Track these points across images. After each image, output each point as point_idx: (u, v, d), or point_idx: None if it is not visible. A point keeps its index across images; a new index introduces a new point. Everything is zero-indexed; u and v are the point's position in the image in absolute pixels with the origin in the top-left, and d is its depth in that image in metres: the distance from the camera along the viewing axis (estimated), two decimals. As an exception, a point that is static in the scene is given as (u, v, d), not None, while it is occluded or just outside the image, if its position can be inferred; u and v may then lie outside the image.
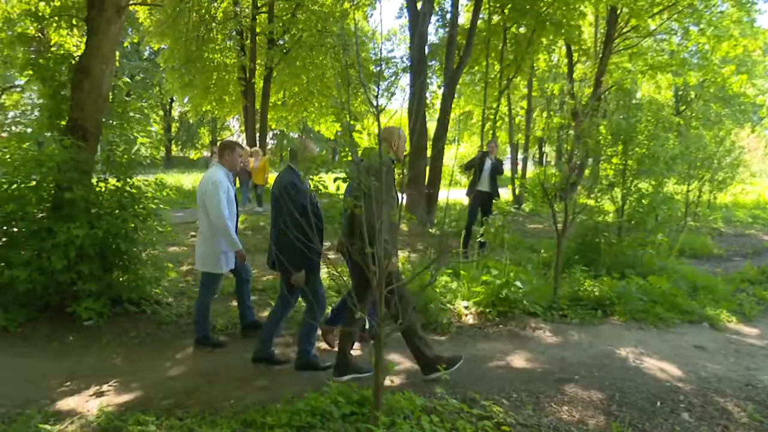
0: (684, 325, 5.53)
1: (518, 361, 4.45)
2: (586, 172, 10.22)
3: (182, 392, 3.88)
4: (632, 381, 4.00)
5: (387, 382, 3.69)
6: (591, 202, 7.75)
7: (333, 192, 3.15)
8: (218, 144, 5.56)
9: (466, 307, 5.61)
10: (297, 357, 4.29)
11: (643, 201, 7.59)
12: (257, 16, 18.08)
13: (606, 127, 7.57)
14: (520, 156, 19.96)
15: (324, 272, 5.00)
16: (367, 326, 4.63)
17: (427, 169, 12.05)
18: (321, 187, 3.00)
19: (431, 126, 13.04)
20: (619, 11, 14.86)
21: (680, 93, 24.78)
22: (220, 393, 3.87)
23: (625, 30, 15.78)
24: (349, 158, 2.89)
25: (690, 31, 16.17)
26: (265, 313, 5.09)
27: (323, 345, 4.76)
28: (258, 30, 18.13)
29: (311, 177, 2.78)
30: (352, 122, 2.84)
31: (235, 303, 6.03)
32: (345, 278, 4.15)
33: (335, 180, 2.91)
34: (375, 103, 2.63)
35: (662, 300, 5.81)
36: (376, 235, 2.65)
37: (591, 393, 3.78)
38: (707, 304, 6.03)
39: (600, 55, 15.57)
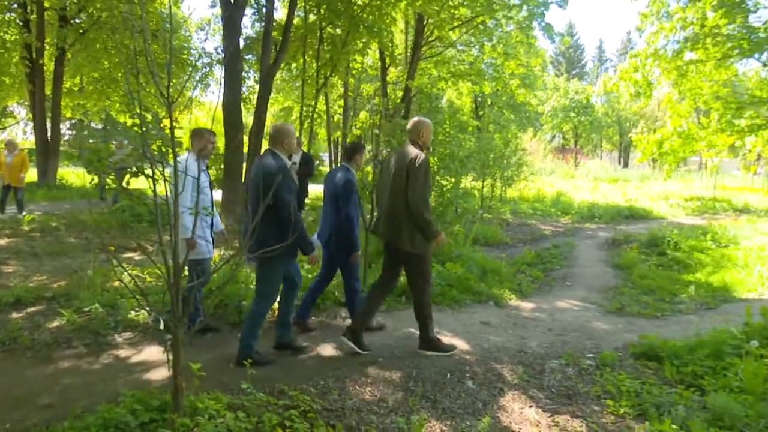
0: (474, 304, 6.26)
1: (328, 350, 4.63)
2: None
3: (-60, 422, 3.31)
4: (428, 358, 4.42)
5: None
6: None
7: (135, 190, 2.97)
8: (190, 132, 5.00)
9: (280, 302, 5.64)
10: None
11: (445, 195, 8.38)
12: (45, -11, 15.90)
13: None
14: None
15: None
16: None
17: (245, 165, 11.80)
18: (109, 182, 2.79)
19: (249, 121, 12.82)
20: (425, 21, 16.12)
21: (479, 99, 27.72)
22: (-8, 417, 3.38)
23: (431, 39, 17.17)
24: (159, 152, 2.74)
25: (484, 45, 18.22)
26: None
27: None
28: (47, 4, 15.94)
29: (96, 173, 2.57)
30: (143, 113, 2.69)
31: (15, 315, 5.33)
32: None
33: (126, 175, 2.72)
34: (167, 95, 2.53)
35: (457, 284, 6.51)
36: (171, 229, 2.56)
37: (392, 373, 4.10)
38: (493, 285, 6.91)
39: (409, 61, 16.72)
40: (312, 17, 14.55)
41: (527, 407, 3.68)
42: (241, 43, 13.52)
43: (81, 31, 16.31)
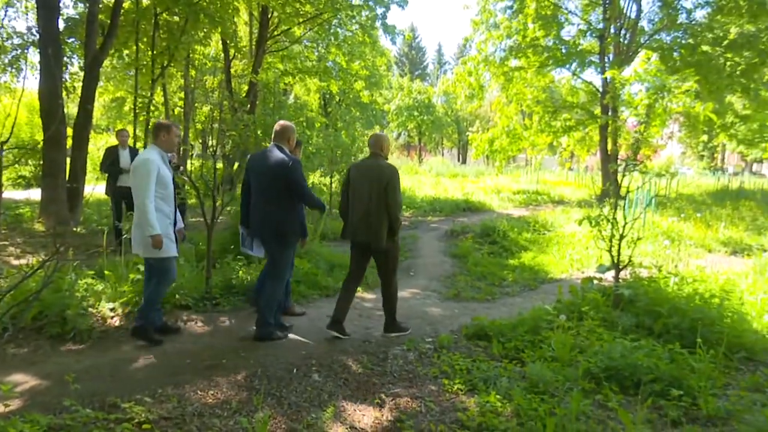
0: (322, 299, 6.34)
1: (166, 356, 4.36)
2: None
3: None
4: (274, 355, 4.39)
5: (0, 407, 3.16)
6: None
7: None
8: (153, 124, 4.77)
9: (112, 309, 5.19)
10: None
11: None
12: None
13: (256, 123, 8.02)
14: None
15: None
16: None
17: (68, 160, 10.61)
18: None
19: (73, 111, 11.53)
20: (270, 15, 15.82)
21: (327, 97, 27.92)
22: None
23: (276, 33, 16.90)
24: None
25: (330, 45, 18.40)
26: None
27: None
28: None
29: None
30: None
31: None
32: None
33: None
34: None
35: (305, 279, 6.53)
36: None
37: (236, 373, 3.99)
38: (341, 279, 6.99)
39: (254, 54, 16.30)
40: (145, 1, 13.50)
41: (371, 394, 3.82)
42: (62, 25, 12.08)
43: None
